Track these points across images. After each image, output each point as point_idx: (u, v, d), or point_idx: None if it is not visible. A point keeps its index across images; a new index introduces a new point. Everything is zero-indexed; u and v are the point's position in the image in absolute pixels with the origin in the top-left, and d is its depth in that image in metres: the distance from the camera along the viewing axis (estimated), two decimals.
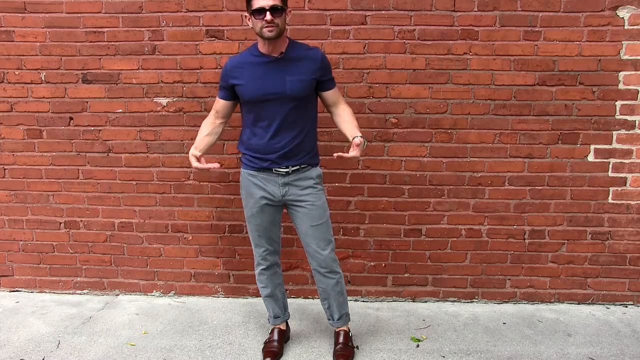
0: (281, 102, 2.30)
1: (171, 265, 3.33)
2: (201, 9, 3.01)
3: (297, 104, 2.33)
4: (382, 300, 3.31)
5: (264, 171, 2.40)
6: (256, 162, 2.40)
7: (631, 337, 2.85)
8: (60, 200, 3.29)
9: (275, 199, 2.43)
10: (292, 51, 2.33)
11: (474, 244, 3.21)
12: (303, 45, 2.41)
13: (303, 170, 2.42)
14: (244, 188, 2.49)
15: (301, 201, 2.42)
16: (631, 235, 3.16)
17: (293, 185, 2.41)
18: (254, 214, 2.47)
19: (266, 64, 2.31)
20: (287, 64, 2.31)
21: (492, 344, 2.78)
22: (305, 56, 2.34)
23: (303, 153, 2.40)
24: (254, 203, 2.45)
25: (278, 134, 2.34)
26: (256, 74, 2.31)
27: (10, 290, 3.44)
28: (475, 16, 2.95)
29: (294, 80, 2.29)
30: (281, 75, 2.29)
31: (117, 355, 2.66)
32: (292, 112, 2.33)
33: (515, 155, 3.10)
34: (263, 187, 2.42)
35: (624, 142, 3.06)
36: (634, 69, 2.97)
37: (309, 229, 2.45)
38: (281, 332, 2.70)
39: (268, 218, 2.48)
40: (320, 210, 2.45)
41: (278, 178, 2.40)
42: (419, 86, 3.04)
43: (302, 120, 2.38)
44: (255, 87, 2.30)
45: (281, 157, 2.36)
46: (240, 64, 2.34)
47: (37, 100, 3.17)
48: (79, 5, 3.04)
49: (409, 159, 3.12)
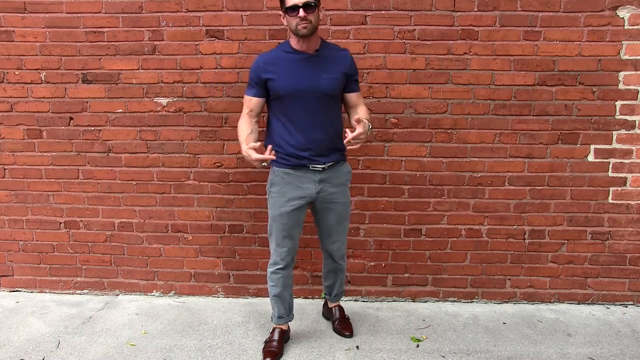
0: (314, 98, 2.35)
1: (171, 265, 3.33)
2: (201, 9, 3.01)
3: (329, 101, 2.39)
4: (382, 300, 3.31)
5: (300, 169, 2.42)
6: (291, 159, 2.41)
7: (631, 337, 2.85)
8: (60, 200, 3.29)
9: (310, 197, 2.46)
10: (325, 50, 2.40)
11: (474, 244, 3.21)
12: (334, 45, 2.52)
13: (337, 165, 2.49)
14: (275, 186, 2.47)
15: (333, 199, 2.50)
16: (631, 235, 3.16)
17: (327, 182, 2.46)
18: (283, 214, 2.45)
19: (301, 60, 2.36)
20: (320, 61, 2.37)
21: (492, 344, 2.78)
22: (337, 56, 2.42)
23: (336, 149, 2.47)
24: (285, 202, 2.44)
25: (313, 131, 2.38)
26: (291, 70, 2.35)
27: (10, 290, 3.44)
28: (475, 16, 2.95)
29: (327, 78, 2.36)
30: (315, 72, 2.35)
31: (117, 355, 2.66)
32: (325, 109, 2.39)
33: (515, 155, 3.10)
34: (298, 185, 2.43)
35: (624, 142, 3.06)
36: (634, 69, 2.97)
37: (336, 224, 2.58)
38: (282, 332, 2.70)
39: (296, 218, 2.49)
40: (348, 207, 2.61)
41: (314, 175, 2.43)
42: (419, 86, 3.04)
43: (334, 117, 2.45)
44: (290, 81, 2.34)
45: (317, 154, 2.40)
46: (274, 60, 2.38)
47: (37, 100, 3.17)
48: (79, 5, 3.04)
49: (409, 159, 3.12)
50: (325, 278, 2.86)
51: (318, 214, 2.57)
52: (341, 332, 2.83)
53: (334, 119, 2.46)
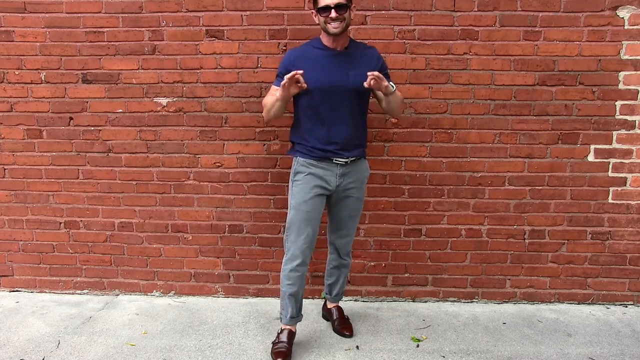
0: (342, 94, 2.41)
1: (171, 265, 3.33)
2: (201, 9, 3.01)
3: (356, 97, 2.45)
4: (382, 300, 3.31)
5: (323, 161, 2.48)
6: (316, 152, 2.47)
7: (631, 337, 2.85)
8: (60, 200, 3.29)
9: (330, 188, 2.52)
10: (353, 48, 2.49)
11: (474, 244, 3.21)
12: (362, 43, 2.61)
13: (358, 161, 2.57)
14: (300, 174, 2.51)
15: (350, 194, 2.57)
16: (631, 235, 3.16)
17: (348, 177, 2.53)
18: (307, 201, 2.49)
19: (330, 57, 2.43)
20: (350, 58, 2.44)
21: (492, 344, 2.78)
22: (366, 53, 2.51)
23: (359, 145, 2.54)
24: (310, 189, 2.49)
25: (339, 125, 2.44)
26: (321, 65, 2.41)
27: (10, 290, 3.44)
28: (475, 16, 2.95)
29: (356, 75, 2.39)
30: (344, 68, 2.42)
31: (117, 355, 2.66)
32: (351, 105, 2.45)
33: (515, 155, 3.10)
34: (321, 176, 2.49)
35: (624, 142, 3.06)
36: (634, 69, 2.97)
37: (347, 218, 2.64)
38: (291, 333, 2.67)
39: (318, 206, 2.53)
40: (361, 204, 2.67)
41: (337, 168, 2.50)
42: (419, 86, 3.04)
43: (359, 113, 2.51)
44: (320, 76, 2.39)
45: (341, 148, 2.46)
46: (304, 54, 2.45)
47: (37, 100, 3.17)
48: (79, 5, 3.04)
49: (409, 159, 3.12)
50: (329, 275, 2.87)
51: (332, 206, 2.62)
52: (341, 332, 2.83)
53: (359, 114, 2.52)
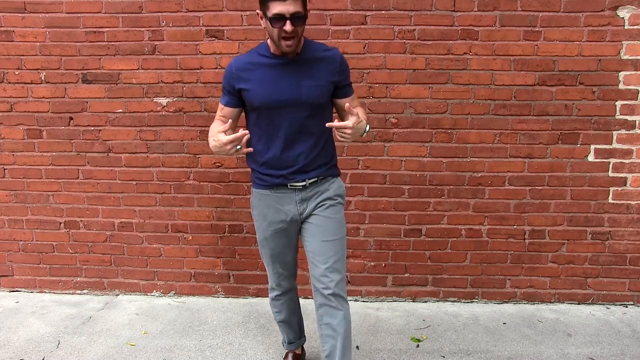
0: (296, 109, 2.02)
1: (171, 265, 3.33)
2: (201, 9, 3.01)
3: (313, 111, 2.05)
4: (382, 300, 3.31)
5: (277, 188, 2.11)
6: (267, 179, 2.11)
7: (631, 337, 2.85)
8: (60, 200, 3.29)
9: (293, 219, 2.15)
10: (308, 51, 2.04)
11: (474, 244, 3.21)
12: (320, 45, 2.11)
13: (322, 182, 2.14)
14: (256, 208, 2.21)
15: (317, 213, 2.13)
16: (631, 235, 3.16)
17: (312, 201, 2.13)
18: (267, 238, 2.19)
19: (279, 66, 2.02)
20: (302, 66, 2.02)
21: (492, 344, 2.78)
22: (323, 57, 2.06)
23: (320, 165, 2.13)
24: (267, 226, 2.17)
25: (292, 146, 2.06)
26: (267, 77, 2.01)
27: (10, 290, 3.44)
28: (475, 16, 2.95)
29: (310, 86, 2.01)
30: (296, 79, 2.01)
31: (117, 355, 2.66)
32: (307, 121, 2.05)
33: (515, 155, 3.10)
34: (278, 207, 2.13)
35: (624, 142, 3.06)
36: (634, 69, 2.97)
37: (320, 245, 2.11)
38: (296, 356, 2.53)
39: (283, 241, 2.20)
40: (336, 224, 2.14)
41: (294, 194, 2.11)
42: (419, 86, 3.04)
43: (318, 129, 2.08)
44: (267, 92, 2.01)
45: (298, 170, 2.08)
46: (248, 66, 2.04)
47: (37, 100, 3.17)
48: (79, 5, 3.04)
49: (409, 159, 3.12)
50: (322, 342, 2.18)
51: (304, 236, 2.19)
52: None
53: (319, 130, 2.09)
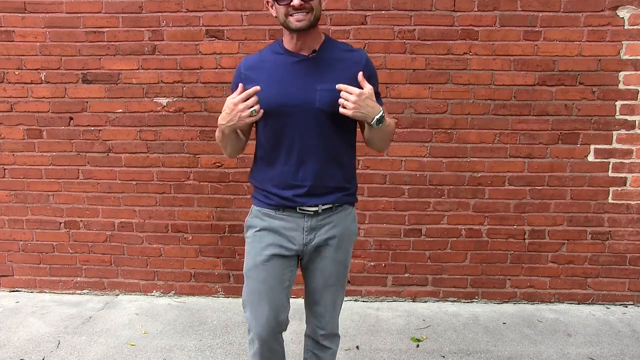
0: (308, 117, 1.71)
1: (171, 265, 3.33)
2: (201, 9, 3.01)
3: (328, 121, 1.73)
4: (382, 300, 3.31)
5: (285, 210, 1.79)
6: (274, 198, 1.79)
7: (631, 337, 2.85)
8: (60, 200, 3.29)
9: (294, 247, 1.81)
10: (328, 50, 1.76)
11: (474, 244, 3.21)
12: (343, 44, 1.84)
13: (337, 210, 1.82)
14: (252, 229, 1.86)
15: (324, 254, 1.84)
16: (631, 235, 3.16)
17: (322, 231, 1.81)
18: (258, 265, 1.80)
19: (292, 64, 1.73)
20: (320, 67, 1.73)
21: (492, 344, 2.78)
22: (345, 59, 1.76)
23: (338, 188, 1.81)
24: (263, 248, 1.80)
25: (305, 161, 1.75)
26: (277, 77, 1.73)
27: (10, 290, 3.44)
28: (475, 16, 2.95)
29: (326, 90, 1.69)
30: (311, 81, 1.71)
31: (117, 355, 2.66)
32: (321, 133, 1.74)
33: (515, 155, 3.10)
34: (281, 231, 1.80)
35: (624, 142, 3.06)
36: (634, 69, 2.97)
37: (323, 288, 1.89)
38: None
39: (277, 272, 1.81)
40: (342, 267, 1.89)
41: (303, 220, 1.79)
42: (419, 86, 3.04)
43: (337, 144, 1.78)
44: (274, 92, 1.70)
45: (309, 192, 1.76)
46: (259, 63, 1.79)
47: (37, 100, 3.17)
48: (79, 5, 3.04)
49: (409, 159, 3.12)
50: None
51: (303, 269, 1.92)
52: None
53: (337, 145, 1.79)
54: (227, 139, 1.79)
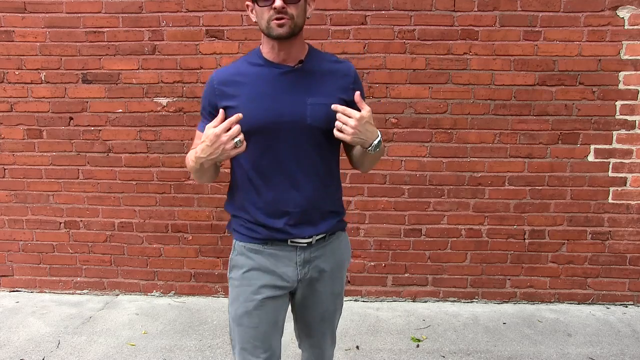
0: (298, 135, 1.53)
1: (171, 265, 3.33)
2: (201, 9, 3.01)
3: (320, 139, 1.55)
4: (382, 300, 3.31)
5: (273, 244, 1.60)
6: (261, 230, 1.60)
7: (631, 337, 2.85)
8: (60, 200, 3.29)
9: (287, 285, 1.62)
10: (314, 61, 1.58)
11: (474, 244, 3.21)
12: (328, 54, 1.67)
13: (330, 239, 1.66)
14: (237, 269, 1.68)
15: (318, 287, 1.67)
16: (631, 235, 3.16)
17: (316, 264, 1.63)
18: (249, 312, 1.62)
19: (277, 77, 1.54)
20: (307, 78, 1.55)
21: (492, 344, 2.78)
22: (334, 70, 1.59)
23: (330, 214, 1.63)
24: (254, 293, 1.62)
25: (293, 186, 1.56)
26: (261, 92, 1.53)
27: (10, 290, 3.44)
28: (475, 16, 2.95)
29: (318, 104, 1.52)
30: (299, 95, 1.53)
31: (117, 355, 2.66)
32: (313, 152, 1.56)
33: (515, 155, 3.10)
34: (271, 268, 1.61)
35: (624, 142, 3.06)
36: (634, 69, 2.97)
37: (320, 321, 1.73)
38: None
39: (270, 317, 1.64)
40: (338, 299, 1.75)
41: (295, 253, 1.60)
42: (419, 86, 3.04)
43: (327, 164, 1.61)
44: (259, 110, 1.51)
45: (300, 220, 1.57)
46: (235, 77, 1.57)
47: (37, 100, 3.17)
48: (79, 5, 3.04)
49: (409, 159, 3.12)
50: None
51: (296, 303, 1.73)
52: None
53: (328, 166, 1.61)
54: (203, 171, 1.57)
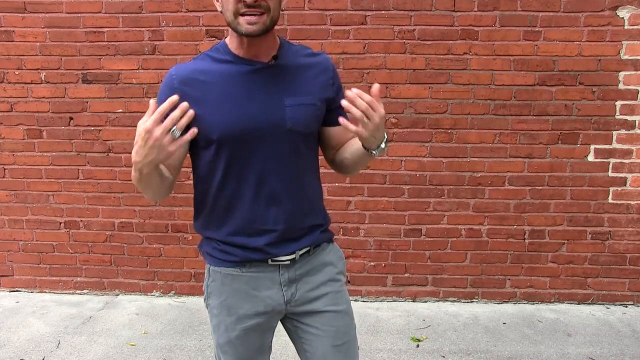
0: (276, 141, 1.34)
1: (171, 265, 3.33)
2: (201, 9, 3.01)
3: (300, 144, 1.38)
4: (382, 300, 3.31)
5: (252, 265, 1.40)
6: (237, 251, 1.39)
7: (631, 337, 2.85)
8: (60, 200, 3.29)
9: (275, 310, 1.43)
10: (289, 55, 1.38)
11: (474, 244, 3.21)
12: (302, 47, 1.45)
13: (316, 252, 1.46)
14: (214, 297, 1.44)
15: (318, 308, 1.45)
16: (631, 235, 3.16)
17: (304, 282, 1.44)
18: (232, 341, 1.43)
19: (248, 75, 1.33)
20: (283, 76, 1.35)
21: (492, 344, 2.78)
22: (310, 64, 1.40)
23: (312, 226, 1.44)
24: (234, 323, 1.42)
25: (271, 199, 1.36)
26: (230, 93, 1.32)
27: (10, 290, 3.44)
28: (475, 16, 2.95)
29: (297, 105, 1.34)
30: (276, 95, 1.33)
31: (117, 355, 2.66)
32: (292, 160, 1.37)
33: (515, 155, 3.10)
34: (254, 292, 1.41)
35: (624, 142, 3.06)
36: (634, 69, 2.97)
37: (331, 352, 1.45)
38: None
39: (256, 344, 1.46)
40: (347, 317, 1.50)
41: (277, 273, 1.41)
42: (419, 86, 3.04)
43: (308, 172, 1.43)
44: (230, 115, 1.31)
45: (280, 237, 1.38)
46: (197, 75, 1.33)
47: (37, 100, 3.17)
48: (79, 5, 3.04)
49: (409, 159, 3.13)
50: None
51: (297, 337, 1.50)
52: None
53: (309, 174, 1.44)
54: (146, 180, 1.26)
